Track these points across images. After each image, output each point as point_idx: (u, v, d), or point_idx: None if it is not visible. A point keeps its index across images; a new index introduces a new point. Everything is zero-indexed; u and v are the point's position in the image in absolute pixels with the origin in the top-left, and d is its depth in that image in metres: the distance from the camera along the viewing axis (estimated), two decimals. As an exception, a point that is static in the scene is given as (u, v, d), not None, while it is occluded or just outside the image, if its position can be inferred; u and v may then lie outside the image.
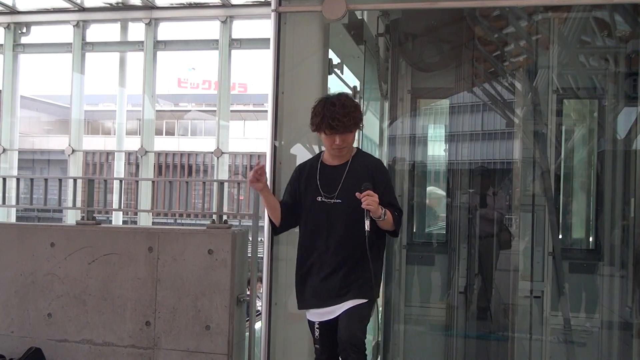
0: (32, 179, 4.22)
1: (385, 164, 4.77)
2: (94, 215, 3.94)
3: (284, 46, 3.48)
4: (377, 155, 5.02)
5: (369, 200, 2.64)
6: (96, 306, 3.67)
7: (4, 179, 4.12)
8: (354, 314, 2.79)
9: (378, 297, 3.37)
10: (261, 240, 3.53)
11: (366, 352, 2.81)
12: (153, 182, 4.39)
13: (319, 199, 2.83)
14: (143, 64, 7.10)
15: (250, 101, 30.07)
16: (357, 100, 4.97)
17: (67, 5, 6.97)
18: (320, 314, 2.87)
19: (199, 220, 18.83)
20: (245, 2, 6.76)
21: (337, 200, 2.81)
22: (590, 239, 4.76)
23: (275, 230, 3.08)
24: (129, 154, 8.46)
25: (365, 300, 2.80)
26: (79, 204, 4.16)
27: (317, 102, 2.86)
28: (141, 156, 7.07)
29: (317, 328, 2.88)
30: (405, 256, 4.75)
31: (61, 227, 4.12)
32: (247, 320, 3.72)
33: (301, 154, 3.62)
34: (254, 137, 24.72)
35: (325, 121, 2.75)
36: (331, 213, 2.81)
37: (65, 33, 7.36)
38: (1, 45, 7.43)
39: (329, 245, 2.81)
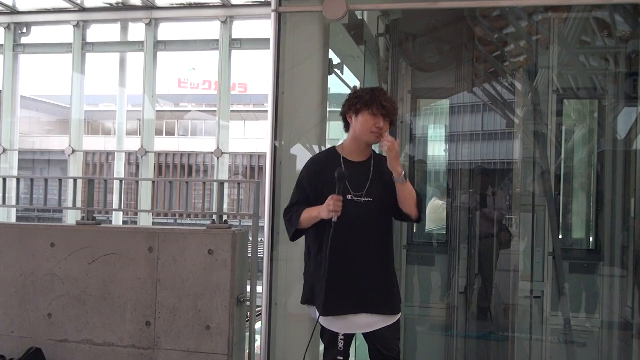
0: (32, 179, 4.22)
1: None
2: (94, 215, 3.94)
3: (284, 46, 3.48)
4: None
5: (390, 143, 2.55)
6: (96, 306, 3.67)
7: (4, 179, 4.12)
8: (394, 329, 2.71)
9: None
10: (261, 240, 3.53)
11: None
12: (153, 182, 4.40)
13: (349, 197, 2.62)
14: (143, 64, 7.10)
15: (250, 101, 30.06)
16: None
17: (67, 5, 6.97)
18: (346, 324, 2.66)
19: (199, 220, 18.83)
20: (245, 2, 6.76)
21: (368, 199, 2.65)
22: (591, 239, 4.77)
23: (295, 237, 2.79)
24: (129, 154, 8.47)
25: (399, 315, 2.75)
26: (79, 204, 4.16)
27: (362, 87, 2.78)
28: (141, 156, 7.07)
29: (341, 339, 2.67)
30: (405, 256, 4.75)
31: (61, 227, 4.12)
32: (247, 320, 3.71)
33: (301, 154, 3.62)
34: (254, 137, 24.72)
35: (377, 100, 2.62)
36: (362, 212, 2.64)
37: (65, 33, 7.37)
38: (1, 45, 7.42)
39: (362, 247, 2.63)
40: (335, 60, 3.88)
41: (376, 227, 2.68)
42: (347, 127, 2.77)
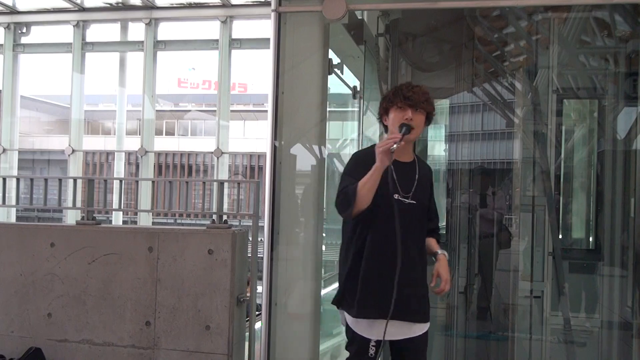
0: (32, 179, 4.22)
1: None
2: (94, 215, 3.94)
3: (284, 46, 3.48)
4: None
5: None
6: (96, 306, 3.67)
7: (4, 179, 4.12)
8: (425, 339, 2.64)
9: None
10: (261, 240, 3.53)
11: None
12: (153, 182, 4.39)
13: (396, 196, 2.51)
14: (143, 64, 7.10)
15: (250, 101, 30.08)
16: (355, 101, 4.99)
17: (67, 5, 6.97)
18: (379, 330, 2.50)
19: (199, 220, 18.84)
20: (245, 2, 6.76)
21: (412, 202, 2.57)
22: (590, 239, 4.77)
23: (350, 212, 2.51)
24: (129, 154, 8.46)
25: (429, 324, 2.67)
26: (79, 204, 4.15)
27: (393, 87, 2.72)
28: (141, 156, 7.07)
29: (372, 346, 2.54)
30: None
31: (61, 227, 4.12)
32: (247, 320, 3.71)
33: (301, 154, 3.62)
34: (254, 137, 24.75)
35: (399, 94, 2.56)
36: (407, 214, 2.52)
37: (65, 33, 7.37)
38: (1, 45, 7.43)
39: (403, 249, 2.47)
40: (335, 60, 3.88)
41: (416, 231, 2.62)
42: (387, 130, 2.69)
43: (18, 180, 4.24)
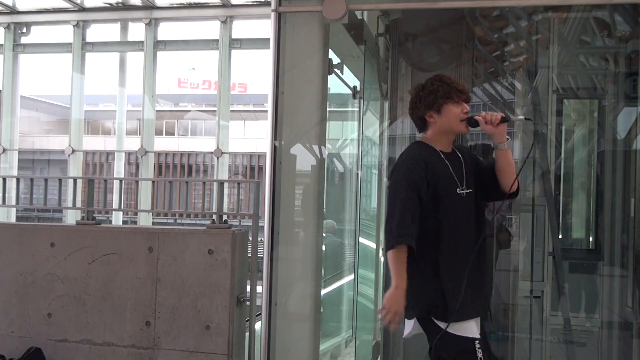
0: (32, 179, 4.21)
1: (383, 164, 4.80)
2: (94, 215, 3.94)
3: (284, 46, 3.48)
4: (377, 155, 5.03)
5: (485, 114, 2.45)
6: (96, 306, 3.67)
7: (4, 179, 4.12)
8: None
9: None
10: (261, 240, 3.53)
11: None
12: (153, 182, 4.39)
13: (458, 190, 2.50)
14: (143, 64, 7.09)
15: (250, 101, 30.08)
16: (355, 101, 4.99)
17: (67, 5, 6.97)
18: (477, 329, 2.44)
19: (199, 220, 18.84)
20: (245, 2, 6.76)
21: (469, 190, 2.53)
22: (590, 238, 4.76)
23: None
24: (129, 154, 8.46)
25: None
26: (79, 204, 4.15)
27: (427, 81, 2.59)
28: (141, 156, 7.07)
29: (479, 349, 2.41)
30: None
31: (61, 227, 4.12)
32: (247, 321, 3.71)
33: (301, 154, 3.62)
34: (254, 137, 24.73)
35: (453, 88, 2.52)
36: (469, 205, 2.52)
37: (65, 33, 7.36)
38: (1, 45, 7.42)
39: (472, 241, 2.47)
40: (335, 60, 3.88)
41: (480, 218, 2.57)
42: (424, 126, 2.62)
43: (18, 180, 4.24)
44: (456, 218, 2.47)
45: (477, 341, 2.42)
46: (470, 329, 2.44)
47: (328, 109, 3.77)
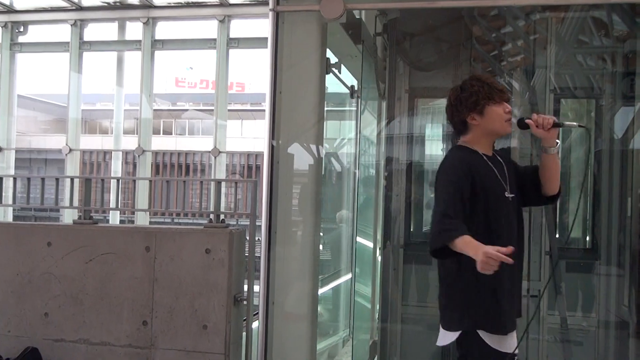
0: (29, 178, 4.20)
1: (381, 163, 4.80)
2: (91, 214, 3.93)
3: (282, 45, 3.48)
4: (374, 154, 5.03)
5: (536, 117, 2.35)
6: (93, 306, 3.67)
7: (1, 178, 4.11)
8: None
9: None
10: (258, 239, 3.53)
11: None
12: (150, 181, 4.39)
13: (506, 194, 2.41)
14: (140, 63, 7.08)
15: (247, 100, 30.06)
16: (353, 100, 4.99)
17: (64, 4, 6.96)
18: (514, 343, 2.34)
19: (196, 220, 18.82)
20: (243, 2, 6.76)
21: (512, 194, 2.44)
22: (587, 238, 4.77)
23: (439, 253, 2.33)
24: (126, 153, 8.45)
25: None
26: (76, 203, 4.15)
27: (466, 82, 2.51)
28: (138, 155, 7.06)
29: None
30: (402, 255, 4.75)
31: (58, 227, 4.11)
32: (245, 320, 3.71)
33: (299, 153, 3.62)
34: (251, 137, 24.71)
35: (493, 89, 2.41)
36: (516, 210, 2.45)
37: (62, 32, 7.35)
38: (-2, 44, 7.42)
39: (516, 248, 2.23)
40: (333, 59, 3.88)
41: (521, 223, 2.50)
42: (465, 129, 2.49)
43: (15, 179, 4.24)
44: (506, 223, 2.39)
45: (516, 357, 2.34)
46: (511, 343, 2.35)
47: (326, 109, 3.77)
